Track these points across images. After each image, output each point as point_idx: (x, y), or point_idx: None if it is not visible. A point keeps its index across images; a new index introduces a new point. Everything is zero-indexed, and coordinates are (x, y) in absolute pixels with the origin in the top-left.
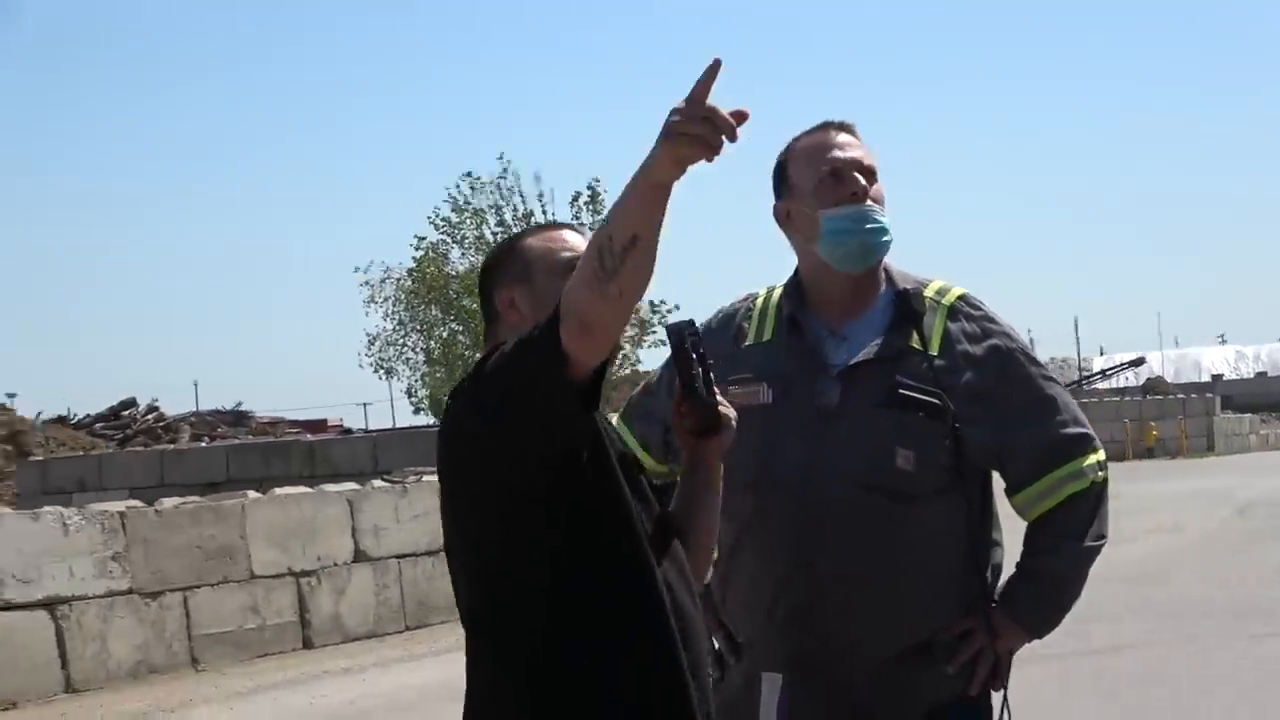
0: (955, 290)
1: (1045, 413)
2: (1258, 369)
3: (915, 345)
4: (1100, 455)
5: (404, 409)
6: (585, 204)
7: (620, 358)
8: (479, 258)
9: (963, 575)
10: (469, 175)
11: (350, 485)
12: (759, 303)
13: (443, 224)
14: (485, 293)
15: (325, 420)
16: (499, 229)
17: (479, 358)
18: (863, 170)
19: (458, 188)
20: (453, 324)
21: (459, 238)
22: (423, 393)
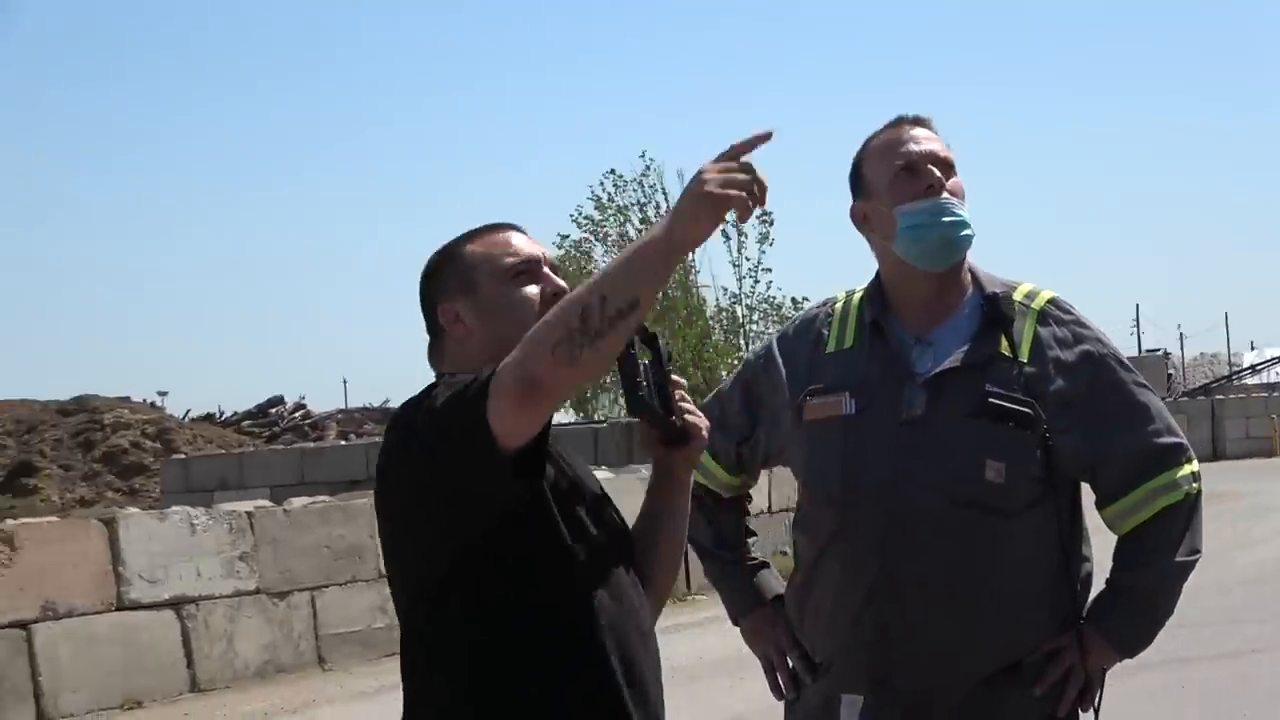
0: (1045, 293)
1: (1138, 421)
2: None
3: (1005, 351)
4: (1194, 466)
5: None
6: None
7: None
8: None
9: (1055, 592)
10: (612, 173)
11: None
12: (839, 308)
13: (586, 222)
14: (427, 306)
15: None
16: (642, 226)
17: (423, 390)
18: (939, 163)
19: (601, 185)
20: None
21: (602, 235)
22: None
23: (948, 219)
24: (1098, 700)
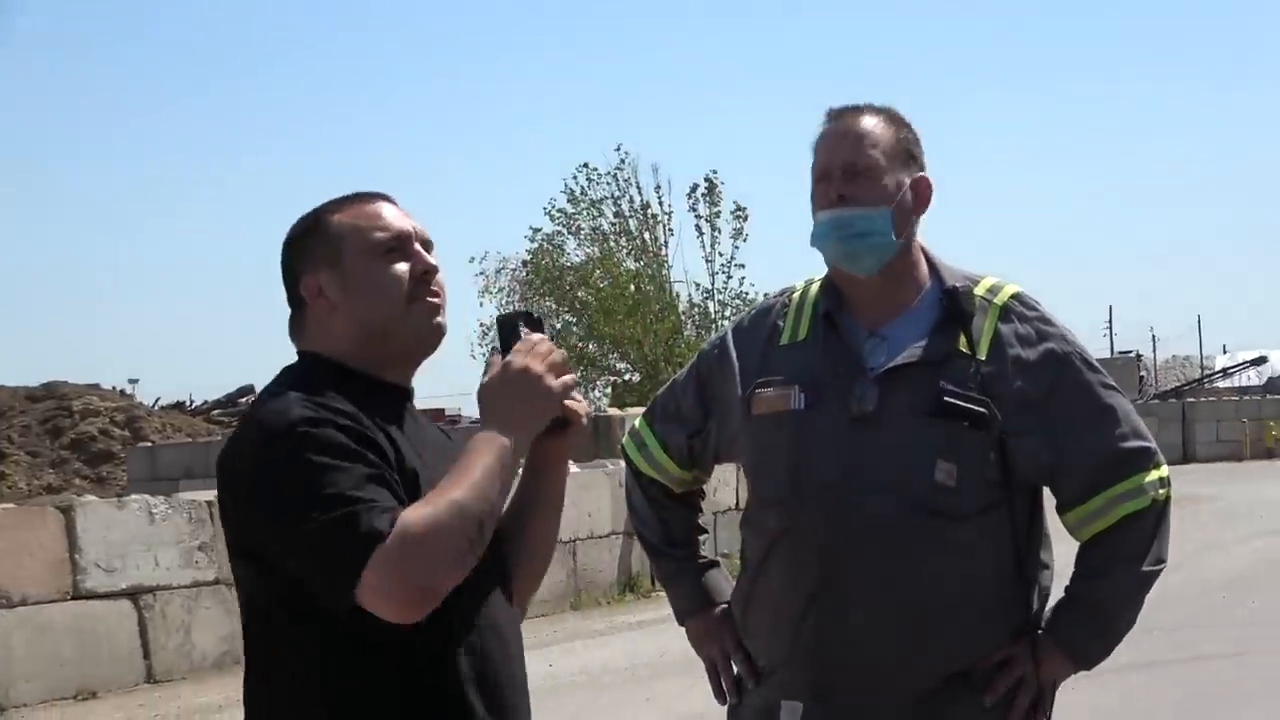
0: (1009, 288)
1: (1103, 424)
2: None
3: (962, 348)
4: (1162, 471)
5: None
6: (703, 195)
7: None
8: (594, 249)
9: (1008, 601)
10: (586, 166)
11: None
12: (795, 298)
13: (558, 215)
14: (289, 275)
15: (442, 410)
16: (615, 220)
17: (252, 405)
18: (850, 170)
19: (574, 179)
20: (566, 315)
21: (574, 229)
22: None
23: (842, 233)
24: (1049, 712)
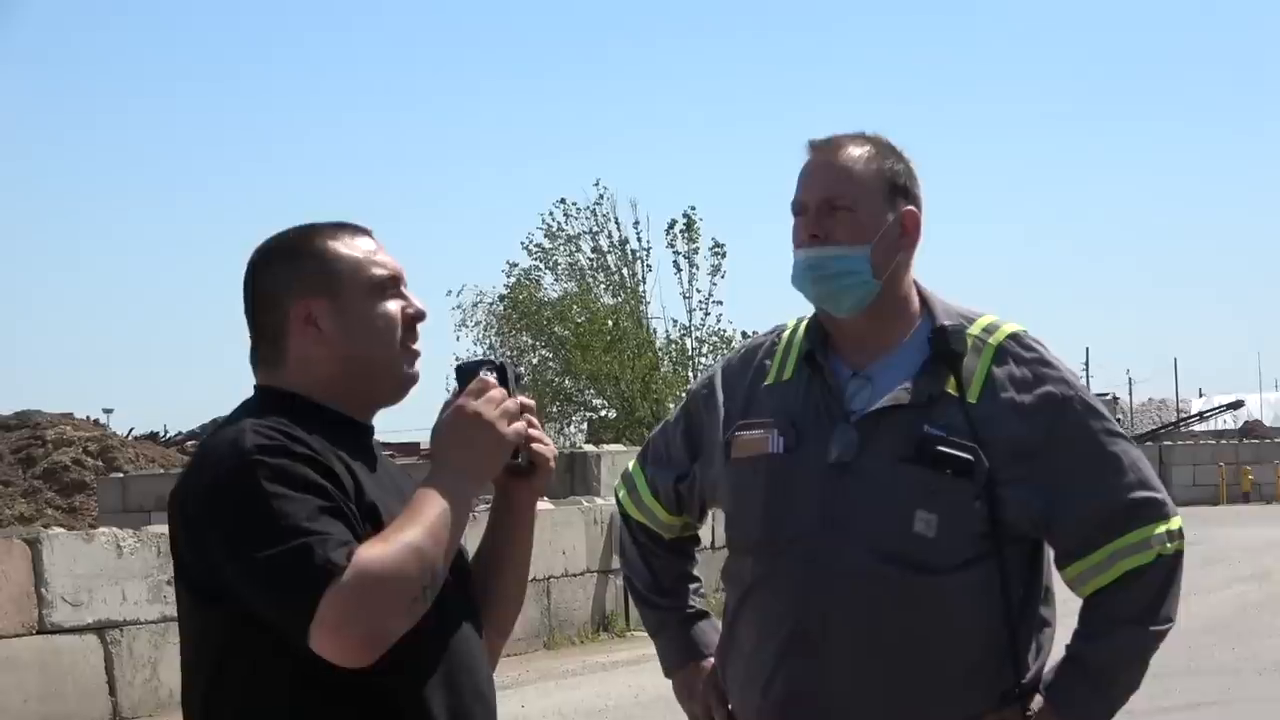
0: (1006, 327)
1: (1106, 473)
2: None
3: (951, 390)
4: (1173, 524)
5: None
6: (681, 231)
7: None
8: (571, 284)
9: (997, 661)
10: (563, 201)
11: None
12: (785, 336)
13: (536, 250)
14: (267, 297)
15: (419, 444)
16: (593, 256)
17: (207, 437)
18: (824, 207)
19: (551, 214)
20: (543, 351)
21: (551, 264)
22: None
23: (815, 274)
24: None
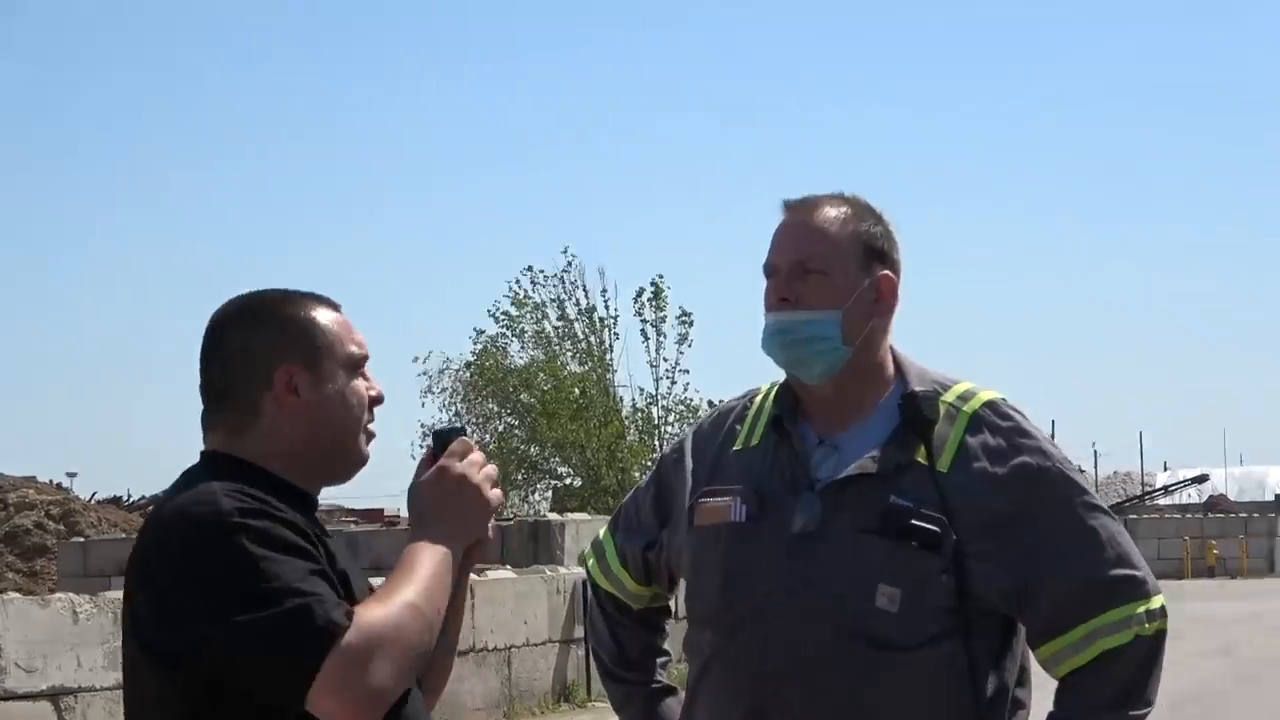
0: (983, 395)
1: (1083, 548)
2: None
3: (921, 459)
4: (1154, 603)
5: None
6: (649, 299)
7: None
8: (538, 352)
9: None
10: (530, 269)
11: (376, 580)
12: (757, 401)
13: (503, 317)
14: (248, 356)
15: (383, 510)
16: (560, 323)
17: (163, 504)
18: (796, 270)
19: (518, 281)
20: (509, 418)
21: (518, 331)
22: None
23: (784, 339)
24: None
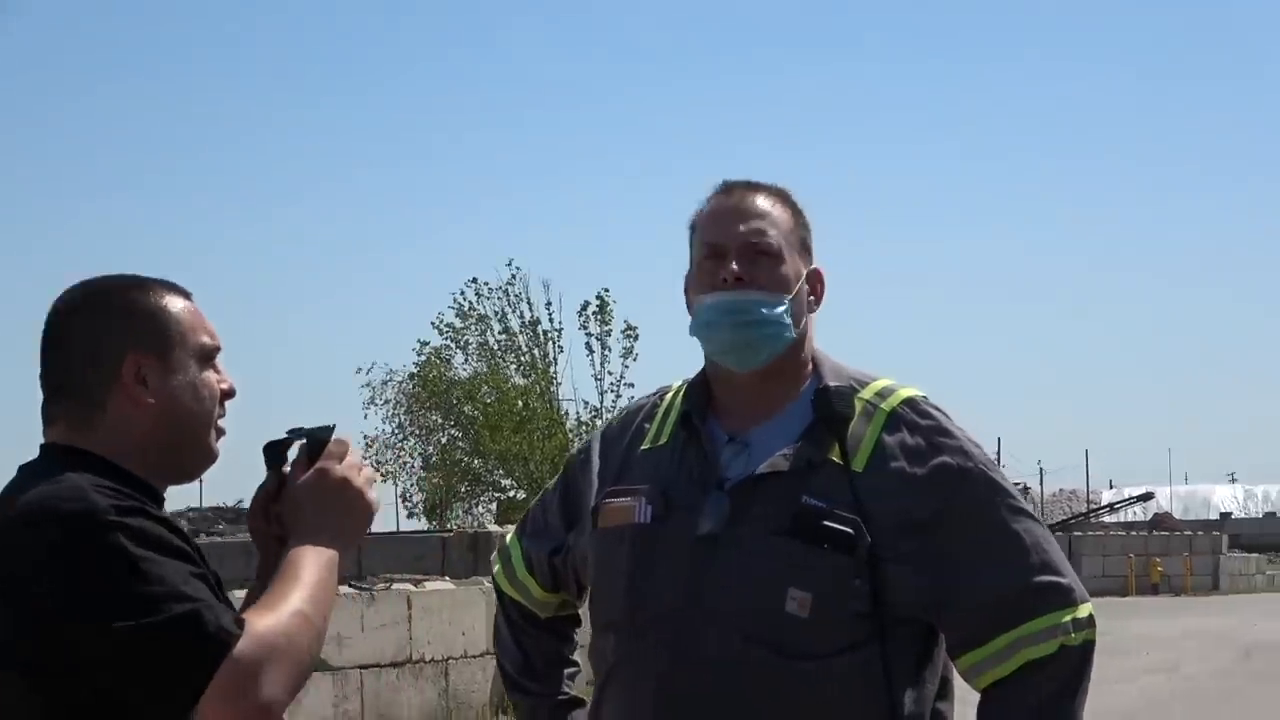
0: (902, 391)
1: (1006, 553)
2: (1267, 509)
3: (835, 458)
4: (1080, 612)
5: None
6: (594, 313)
7: None
8: (482, 364)
9: None
10: (474, 281)
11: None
12: (667, 399)
13: (446, 329)
14: (94, 345)
15: None
16: (503, 335)
17: (11, 501)
18: (748, 250)
19: (462, 293)
20: (453, 430)
21: (463, 343)
22: (418, 497)
23: (736, 319)
24: None
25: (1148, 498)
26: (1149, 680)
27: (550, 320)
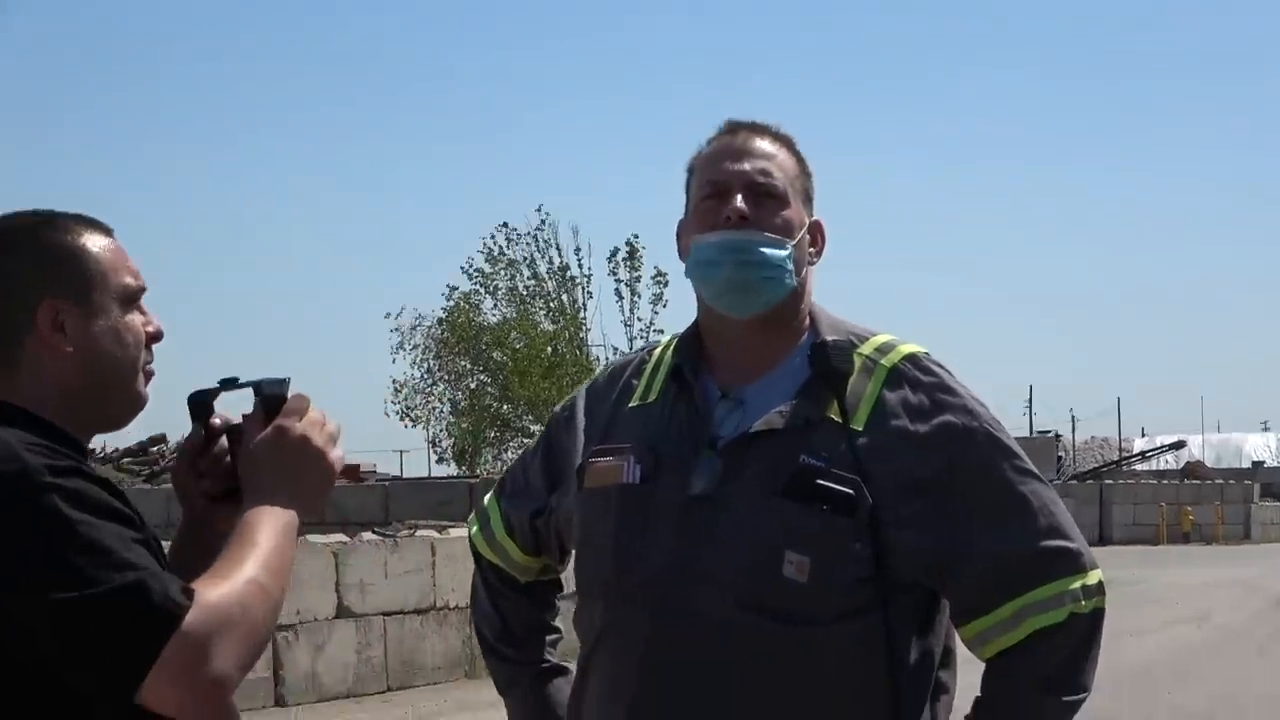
0: (904, 348)
1: (1012, 517)
2: None
3: (834, 416)
4: (1090, 578)
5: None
6: (623, 259)
7: None
8: (511, 310)
9: None
10: (505, 226)
11: (336, 537)
12: (656, 353)
13: (476, 274)
14: (4, 289)
15: (358, 466)
16: (532, 281)
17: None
18: (753, 189)
19: (493, 238)
20: (481, 375)
21: (492, 288)
22: (447, 442)
23: (743, 258)
24: None
25: (1179, 446)
26: (1180, 629)
27: (579, 266)
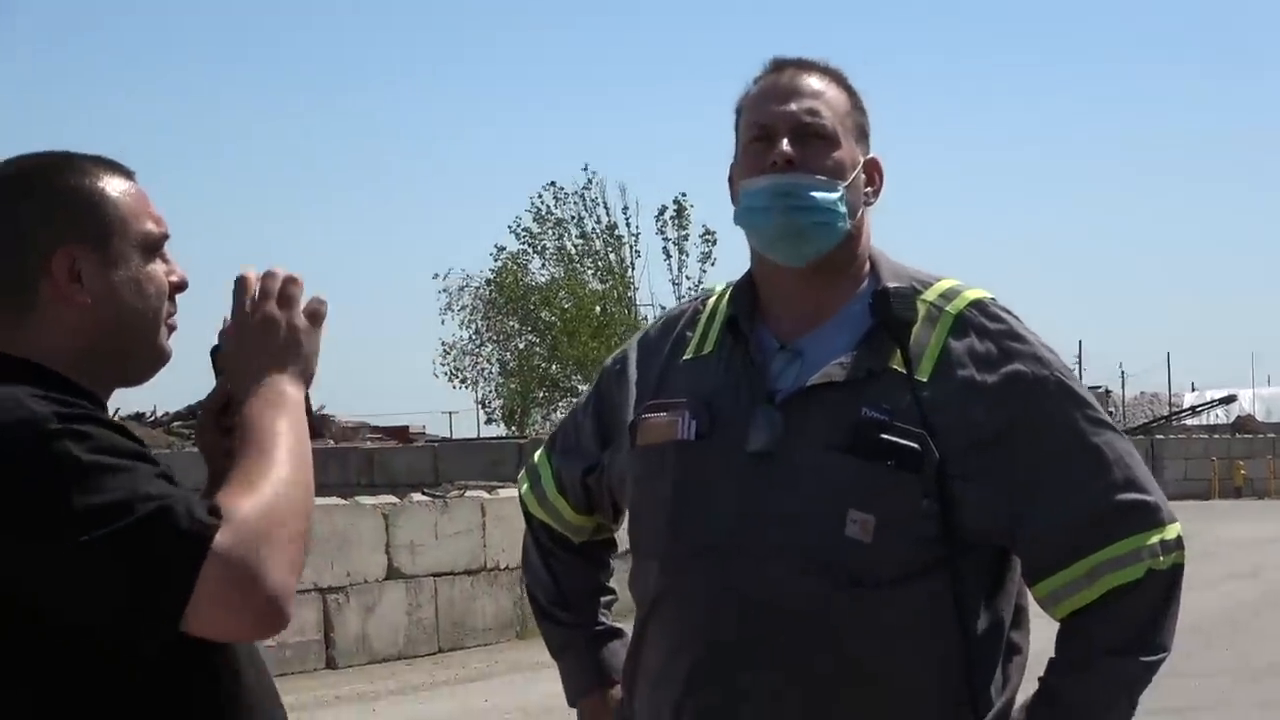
0: (969, 294)
1: (1087, 470)
2: None
3: (897, 366)
4: (1169, 532)
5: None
6: (671, 218)
7: None
8: (559, 269)
9: (947, 697)
10: (552, 185)
11: (387, 498)
12: (710, 303)
13: (524, 234)
14: (17, 235)
15: (407, 428)
16: (580, 240)
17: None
18: (801, 130)
19: (540, 197)
20: (530, 336)
21: (540, 248)
22: (496, 403)
23: (788, 203)
24: None
25: (1230, 400)
26: (1233, 586)
27: (627, 225)
